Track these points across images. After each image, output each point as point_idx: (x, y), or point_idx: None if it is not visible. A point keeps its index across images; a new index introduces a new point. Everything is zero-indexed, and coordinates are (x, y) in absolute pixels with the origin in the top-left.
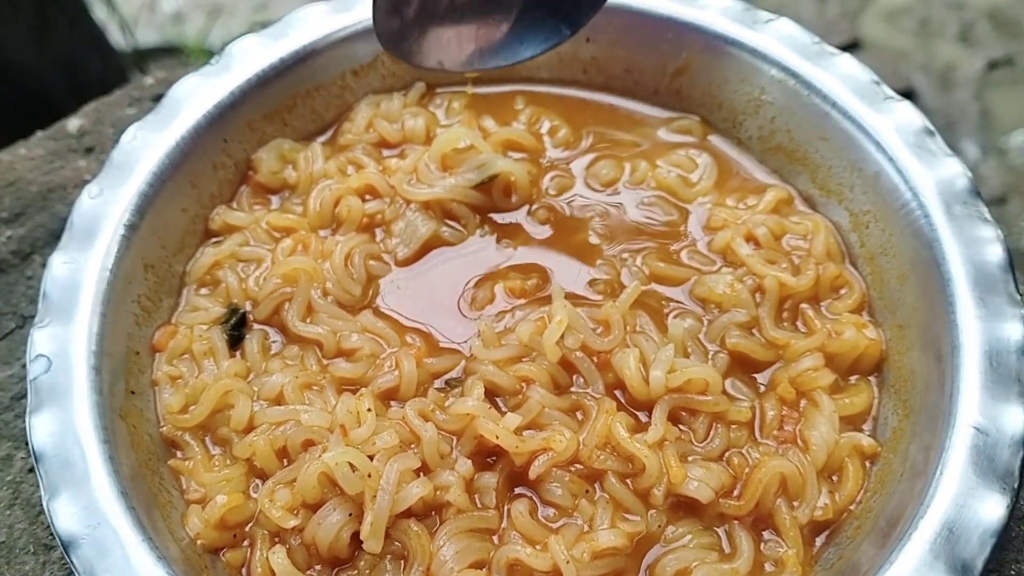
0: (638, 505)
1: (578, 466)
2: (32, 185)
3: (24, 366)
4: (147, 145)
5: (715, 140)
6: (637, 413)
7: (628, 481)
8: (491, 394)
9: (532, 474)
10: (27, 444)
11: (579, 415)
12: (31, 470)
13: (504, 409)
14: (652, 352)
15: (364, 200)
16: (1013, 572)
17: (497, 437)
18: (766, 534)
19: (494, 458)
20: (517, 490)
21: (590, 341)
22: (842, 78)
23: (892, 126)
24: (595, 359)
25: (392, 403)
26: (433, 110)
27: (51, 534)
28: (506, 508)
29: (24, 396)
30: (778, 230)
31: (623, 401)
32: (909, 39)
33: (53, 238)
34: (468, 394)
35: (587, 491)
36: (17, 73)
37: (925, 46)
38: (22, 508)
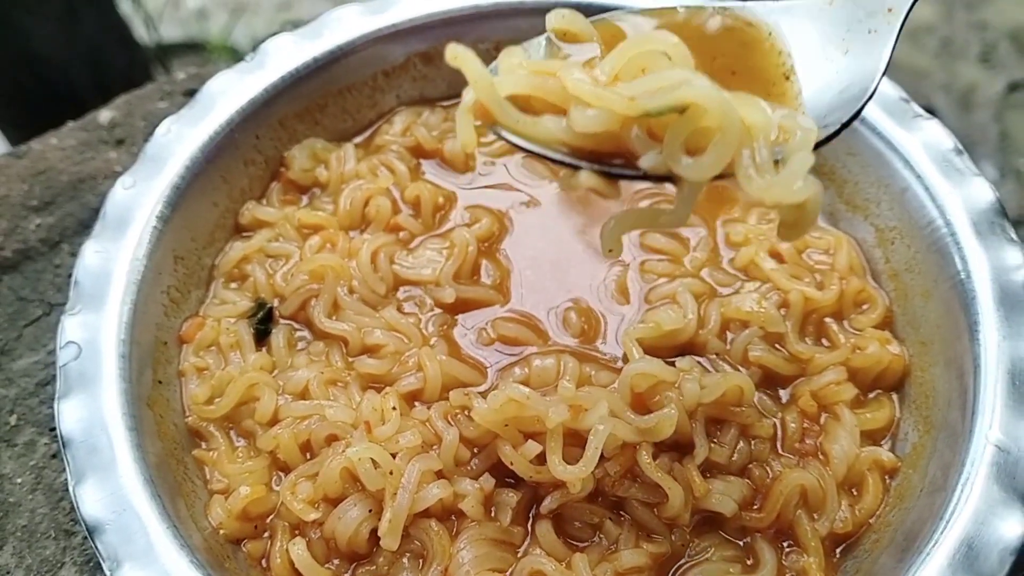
0: (661, 527)
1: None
2: (63, 175)
3: (50, 353)
4: (181, 139)
5: None
6: None
7: (653, 508)
8: None
9: (543, 510)
10: (51, 430)
11: None
12: (54, 456)
13: None
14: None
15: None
16: None
17: (512, 463)
18: (786, 546)
19: (512, 479)
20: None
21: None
22: None
23: (920, 144)
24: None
25: (416, 403)
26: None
27: (73, 519)
28: (530, 526)
29: (49, 383)
30: (800, 245)
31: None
32: (931, 58)
33: (82, 227)
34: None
35: (609, 518)
36: (43, 64)
37: (947, 66)
38: (44, 493)
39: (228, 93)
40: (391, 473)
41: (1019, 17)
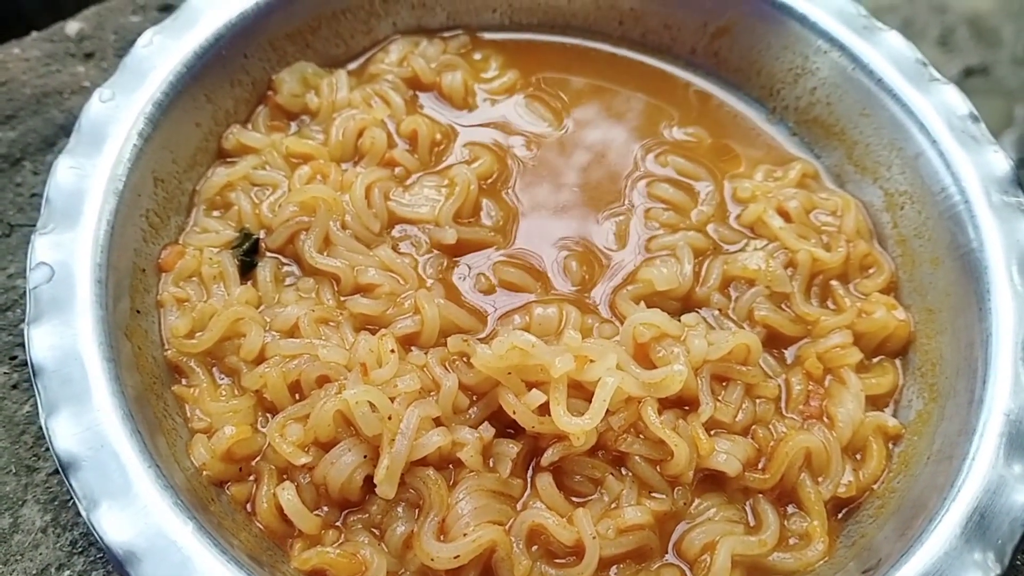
0: (663, 484)
1: (602, 452)
2: (26, 87)
3: (10, 277)
4: (164, 51)
5: (742, 107)
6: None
7: (656, 465)
8: None
9: (544, 462)
10: (11, 359)
11: None
12: (15, 386)
13: None
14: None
15: None
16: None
17: (515, 412)
18: (788, 510)
19: (512, 430)
20: (542, 460)
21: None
22: (889, 55)
23: (937, 108)
24: None
25: (412, 348)
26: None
27: (35, 454)
28: (530, 478)
29: (9, 308)
30: (808, 205)
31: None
32: None
33: (46, 144)
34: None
35: (611, 474)
36: None
37: None
38: (3, 426)
39: (215, 6)
40: (389, 418)
41: (978, 4)
